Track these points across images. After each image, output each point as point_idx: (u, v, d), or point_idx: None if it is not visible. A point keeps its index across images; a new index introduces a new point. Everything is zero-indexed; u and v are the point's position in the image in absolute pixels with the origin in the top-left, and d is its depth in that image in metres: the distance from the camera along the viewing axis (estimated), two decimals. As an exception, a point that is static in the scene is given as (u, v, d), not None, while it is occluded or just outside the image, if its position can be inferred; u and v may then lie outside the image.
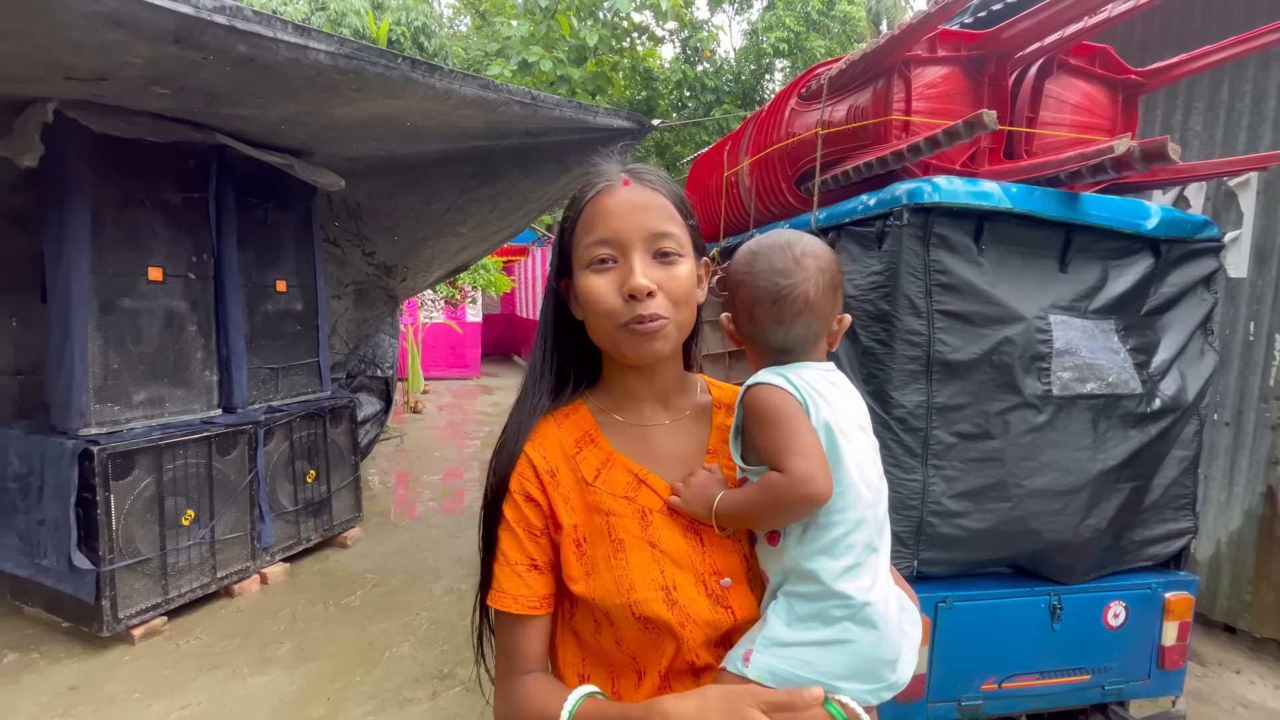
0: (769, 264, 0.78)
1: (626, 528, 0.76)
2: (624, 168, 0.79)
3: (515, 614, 0.77)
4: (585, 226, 0.77)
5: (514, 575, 0.78)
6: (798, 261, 0.78)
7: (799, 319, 0.78)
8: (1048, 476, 1.81)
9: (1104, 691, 1.94)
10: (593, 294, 0.75)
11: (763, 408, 0.75)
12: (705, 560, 0.76)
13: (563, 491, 0.78)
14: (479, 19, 13.88)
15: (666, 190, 0.79)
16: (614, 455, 0.80)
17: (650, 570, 0.75)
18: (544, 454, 0.80)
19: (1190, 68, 2.13)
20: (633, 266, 0.73)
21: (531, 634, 0.78)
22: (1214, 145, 3.13)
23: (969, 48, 2.01)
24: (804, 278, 0.77)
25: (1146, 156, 1.61)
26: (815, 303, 0.78)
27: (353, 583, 3.59)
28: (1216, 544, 3.16)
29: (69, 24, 1.93)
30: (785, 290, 0.77)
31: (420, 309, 9.10)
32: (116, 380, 2.93)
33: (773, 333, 0.79)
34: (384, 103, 2.81)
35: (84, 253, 2.81)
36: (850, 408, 0.78)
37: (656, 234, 0.75)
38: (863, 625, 0.71)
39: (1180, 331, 1.97)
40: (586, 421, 0.83)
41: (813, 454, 0.72)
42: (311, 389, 3.91)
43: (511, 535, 0.78)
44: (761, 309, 0.78)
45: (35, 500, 2.89)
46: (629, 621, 0.74)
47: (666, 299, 0.74)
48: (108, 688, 2.60)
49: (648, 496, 0.78)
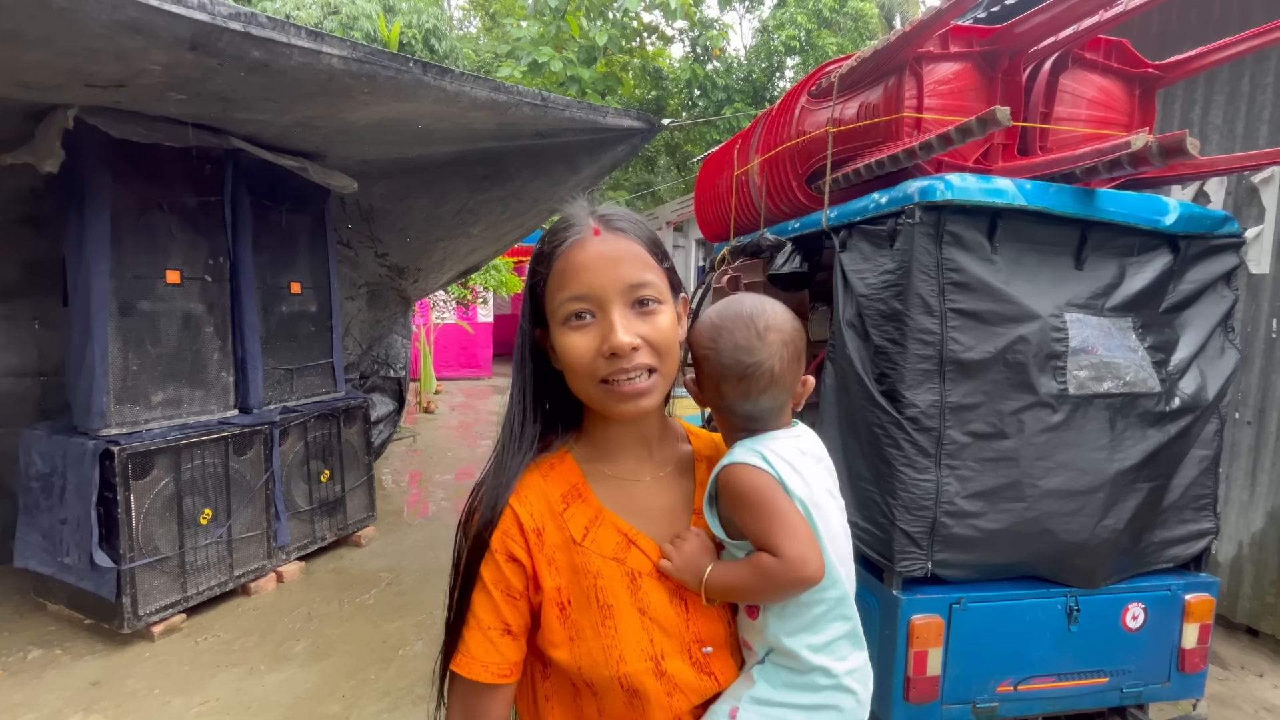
0: (733, 340, 0.78)
1: (615, 592, 0.74)
2: (592, 214, 0.76)
3: (483, 683, 0.73)
4: (558, 281, 0.73)
5: (485, 641, 0.73)
6: (761, 337, 0.77)
7: (765, 394, 0.78)
8: (1063, 476, 1.79)
9: (1122, 694, 1.91)
10: (572, 352, 0.72)
11: (742, 490, 0.75)
12: (690, 628, 0.76)
13: (547, 552, 0.75)
14: (489, 20, 13.96)
15: (639, 235, 0.75)
16: (603, 513, 0.77)
17: (640, 639, 0.73)
18: (530, 511, 0.76)
19: (1210, 60, 2.09)
20: (613, 323, 0.70)
21: (497, 702, 0.74)
22: (1235, 139, 3.07)
23: (982, 43, 1.98)
24: (768, 354, 0.77)
25: (1165, 151, 1.59)
26: (780, 376, 0.78)
27: (367, 581, 3.62)
28: (1238, 545, 3.10)
29: (89, 32, 1.97)
30: (751, 369, 0.77)
31: (432, 310, 9.16)
32: (136, 381, 2.98)
33: (739, 405, 0.79)
34: (396, 106, 2.83)
35: (104, 256, 2.86)
36: (820, 475, 0.79)
37: (634, 285, 0.72)
38: (845, 693, 0.75)
39: (1200, 329, 1.93)
40: (574, 474, 0.79)
41: (802, 535, 0.73)
42: (326, 389, 3.96)
43: (487, 598, 0.74)
44: (728, 385, 0.78)
45: (58, 499, 2.94)
46: (616, 693, 0.72)
47: (650, 350, 0.72)
48: (128, 684, 2.65)
49: (637, 558, 0.76)
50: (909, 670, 1.75)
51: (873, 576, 1.86)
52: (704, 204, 3.69)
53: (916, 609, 1.74)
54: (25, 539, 3.07)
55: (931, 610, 1.75)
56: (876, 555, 1.82)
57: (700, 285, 3.46)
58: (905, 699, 1.76)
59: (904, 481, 1.73)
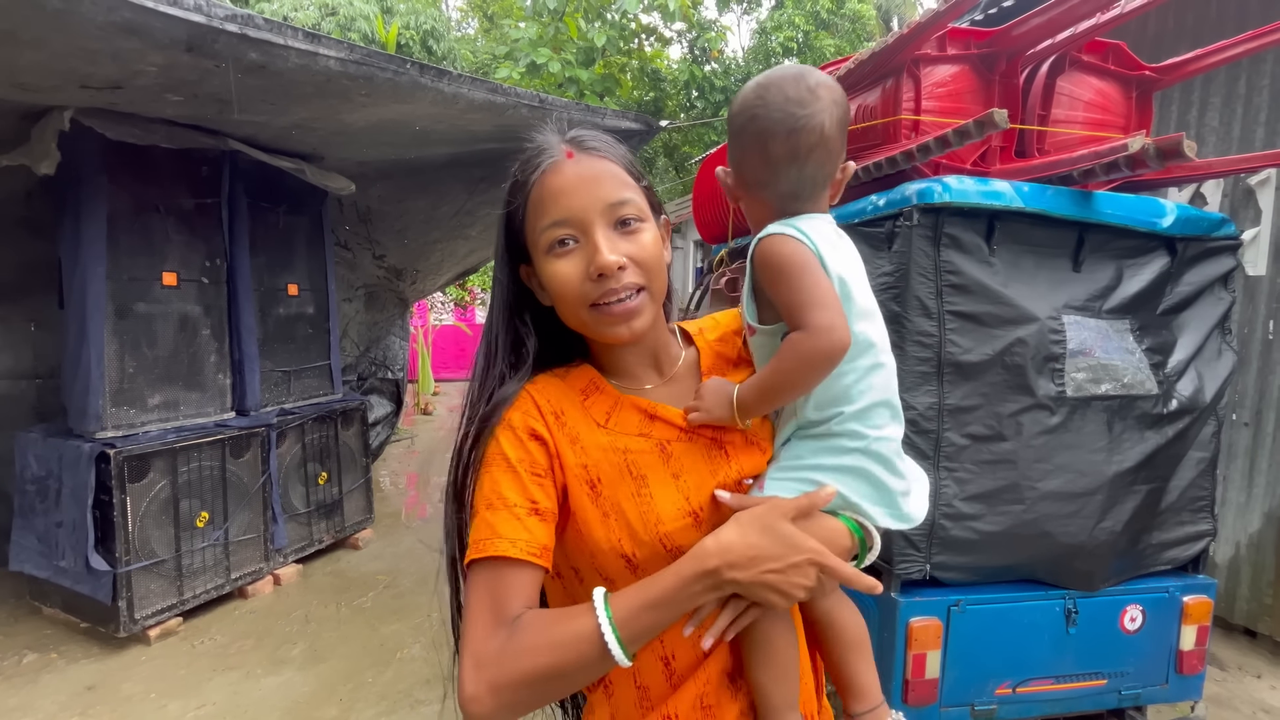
0: (783, 93, 0.72)
1: (649, 463, 0.73)
2: (564, 138, 0.74)
3: (514, 559, 0.66)
4: (536, 210, 0.72)
5: (513, 519, 0.68)
6: (812, 91, 0.72)
7: (813, 154, 0.72)
8: (1062, 479, 1.79)
9: (1121, 696, 1.91)
10: (559, 280, 0.70)
11: (777, 259, 0.72)
12: (732, 469, 0.75)
13: (569, 432, 0.73)
14: (487, 22, 13.96)
15: (614, 154, 0.74)
16: (622, 398, 0.77)
17: (675, 499, 0.72)
18: (548, 397, 0.75)
19: (1206, 63, 2.09)
20: (597, 244, 0.69)
21: (528, 584, 0.67)
22: (1231, 141, 3.08)
23: (979, 46, 1.99)
24: (820, 109, 0.72)
25: (1162, 154, 1.59)
26: (829, 138, 0.73)
27: (364, 584, 3.61)
28: (1236, 546, 3.11)
29: (85, 34, 1.96)
30: (802, 121, 0.71)
31: (430, 311, 9.16)
32: (132, 384, 2.97)
33: (785, 171, 0.74)
34: (393, 107, 2.83)
35: (100, 258, 2.85)
36: (856, 259, 0.77)
37: (614, 204, 0.70)
38: (872, 457, 0.72)
39: (1197, 331, 1.94)
40: (590, 374, 0.79)
41: (831, 302, 0.70)
42: (323, 391, 3.95)
43: (512, 476, 0.70)
44: (776, 143, 0.72)
45: (53, 502, 2.93)
46: (660, 557, 0.70)
47: (637, 269, 0.70)
48: (124, 688, 2.64)
49: (662, 429, 0.75)
50: (907, 673, 1.74)
51: (871, 579, 1.86)
52: (702, 205, 3.69)
53: (915, 611, 1.74)
54: (21, 542, 3.05)
55: (930, 613, 1.75)
56: (875, 558, 1.81)
57: (698, 287, 3.46)
58: (904, 701, 1.76)
59: (902, 484, 1.73)
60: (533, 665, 0.63)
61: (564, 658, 0.63)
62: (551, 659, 0.63)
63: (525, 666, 0.63)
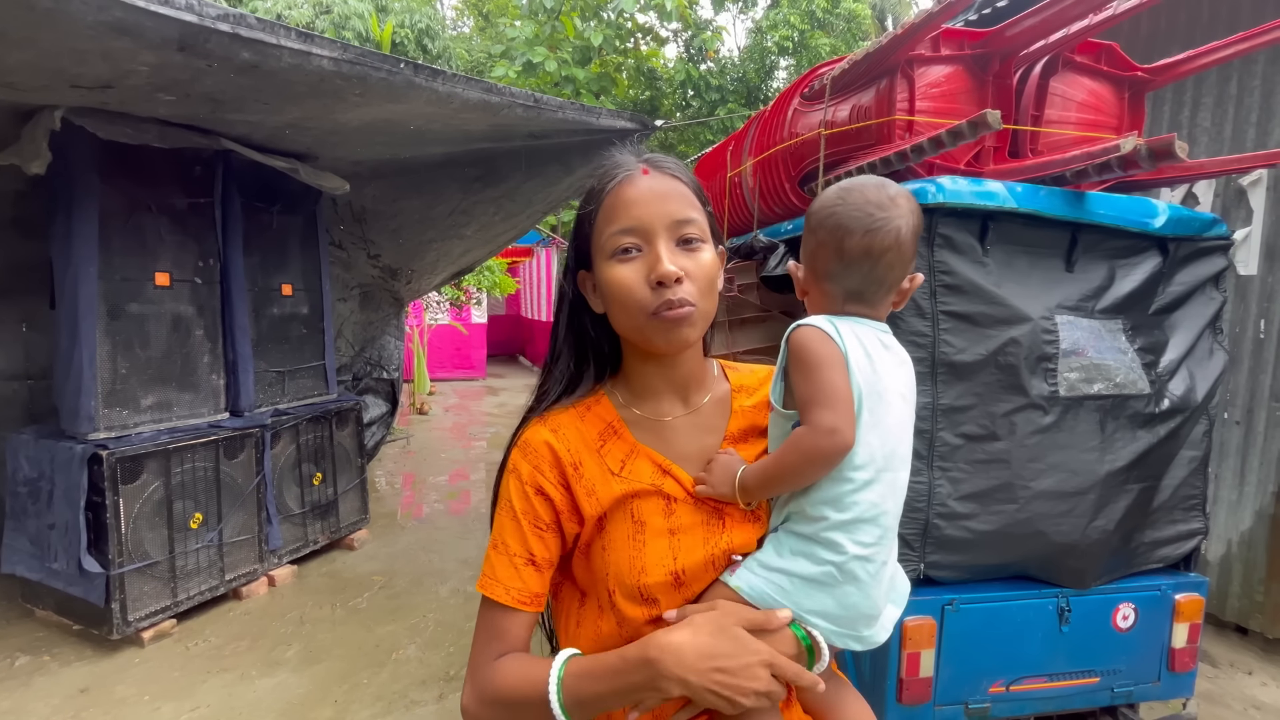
0: (864, 196, 0.77)
1: (650, 511, 0.77)
2: (640, 158, 0.80)
3: (504, 605, 0.77)
4: (607, 216, 0.76)
5: (510, 567, 0.77)
6: (893, 199, 0.77)
7: (885, 255, 0.76)
8: (1055, 478, 1.79)
9: (1113, 694, 1.92)
10: (619, 284, 0.75)
11: (803, 350, 0.75)
12: (724, 540, 0.78)
13: (586, 484, 0.78)
14: (482, 21, 13.92)
15: (685, 178, 0.79)
16: (638, 447, 0.80)
17: (664, 556, 0.76)
18: (568, 446, 0.79)
19: (1198, 64, 2.10)
20: (659, 254, 0.73)
21: (517, 626, 0.77)
22: (1223, 142, 3.10)
23: (973, 46, 1.99)
24: (898, 213, 0.76)
25: (1154, 154, 1.60)
26: (904, 241, 0.76)
27: (360, 585, 3.60)
28: (1227, 544, 3.13)
29: (74, 32, 1.94)
30: (880, 222, 0.75)
31: (425, 311, 9.12)
32: (125, 385, 2.96)
33: (856, 269, 0.77)
34: (387, 107, 2.82)
35: (92, 258, 2.83)
36: (896, 373, 0.78)
37: (680, 220, 0.75)
38: (846, 575, 0.72)
39: (1189, 330, 1.95)
40: (609, 413, 0.82)
41: (840, 405, 0.71)
42: (318, 392, 3.93)
43: (516, 526, 0.77)
44: (852, 240, 0.76)
45: (45, 504, 2.91)
46: (635, 602, 0.76)
47: (693, 285, 0.74)
48: (118, 690, 2.63)
49: (671, 486, 0.79)
50: (902, 672, 1.75)
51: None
52: (697, 205, 3.68)
53: (908, 610, 1.74)
54: (12, 544, 3.03)
55: (924, 612, 1.75)
56: (869, 557, 1.82)
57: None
58: (898, 700, 1.76)
59: (896, 483, 1.74)
60: (507, 694, 0.74)
61: (526, 696, 0.73)
62: (518, 694, 0.73)
63: (502, 694, 0.75)
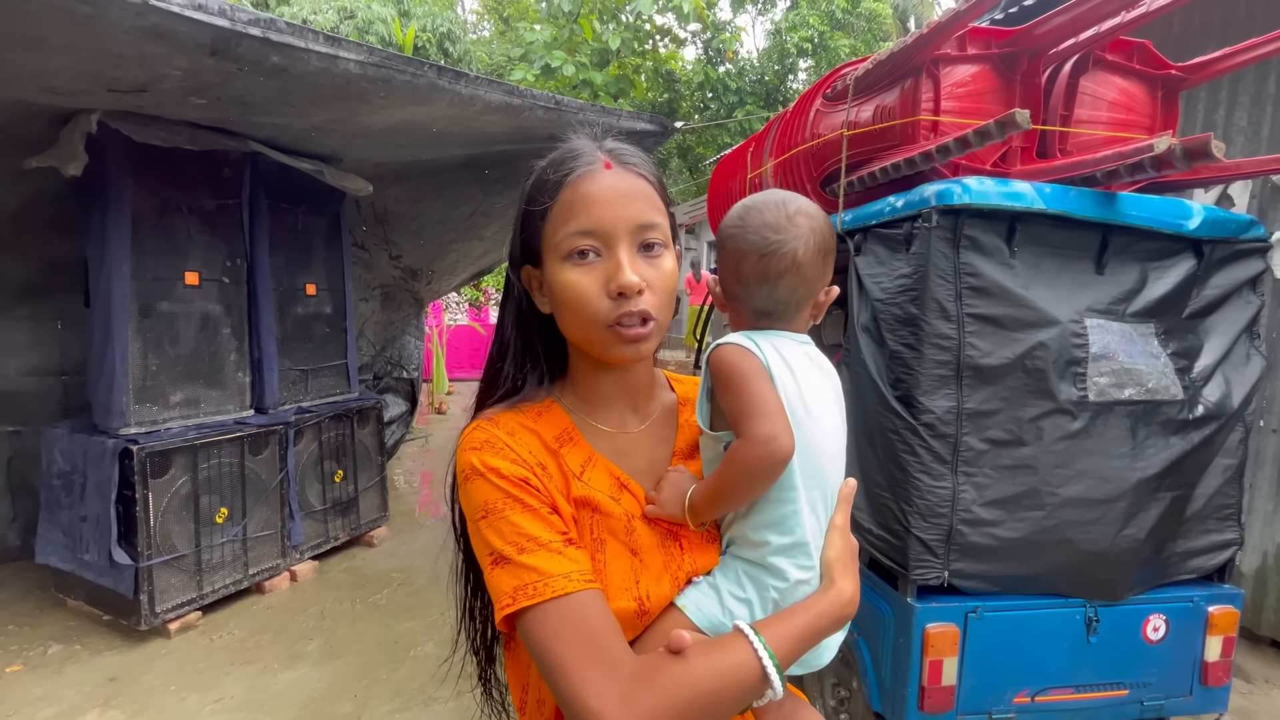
0: (760, 219, 0.75)
1: (611, 528, 0.72)
2: (601, 147, 0.73)
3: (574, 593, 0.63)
4: (563, 213, 0.70)
5: (554, 555, 0.65)
6: (790, 219, 0.75)
7: (784, 278, 0.75)
8: (1083, 485, 1.76)
9: (1143, 707, 1.87)
10: (573, 290, 0.69)
11: (725, 367, 0.73)
12: (683, 565, 0.74)
13: (555, 484, 0.71)
14: (502, 24, 14.04)
15: (649, 173, 0.73)
16: (595, 455, 0.75)
17: (626, 578, 0.71)
18: (529, 448, 0.71)
19: (1234, 62, 2.05)
20: (620, 261, 0.68)
21: (602, 605, 0.65)
22: (1259, 141, 3.01)
23: (1000, 45, 1.96)
24: (794, 235, 0.75)
25: (1188, 154, 1.56)
26: (803, 263, 0.75)
27: (379, 581, 3.64)
28: (1263, 556, 3.04)
29: (113, 38, 2.00)
30: (774, 246, 0.74)
31: (445, 311, 9.22)
32: (155, 381, 3.03)
33: (757, 291, 0.76)
34: (411, 109, 2.85)
35: (125, 258, 2.90)
36: (821, 384, 0.77)
37: (643, 225, 0.70)
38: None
39: (1224, 335, 1.90)
40: (563, 420, 0.77)
41: (772, 413, 0.70)
42: (340, 390, 3.99)
43: (532, 515, 0.67)
44: (748, 264, 0.75)
45: (78, 497, 2.99)
46: None
47: (653, 296, 0.70)
48: (145, 679, 2.68)
49: (629, 502, 0.75)
50: (924, 679, 1.72)
51: (886, 584, 1.84)
52: (717, 206, 3.68)
53: (931, 617, 1.72)
54: (46, 535, 3.12)
55: (947, 619, 1.73)
56: (891, 562, 1.80)
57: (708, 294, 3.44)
58: (920, 709, 1.73)
59: (919, 488, 1.71)
60: (693, 692, 0.60)
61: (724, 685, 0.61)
62: (715, 685, 0.61)
63: (686, 694, 0.60)
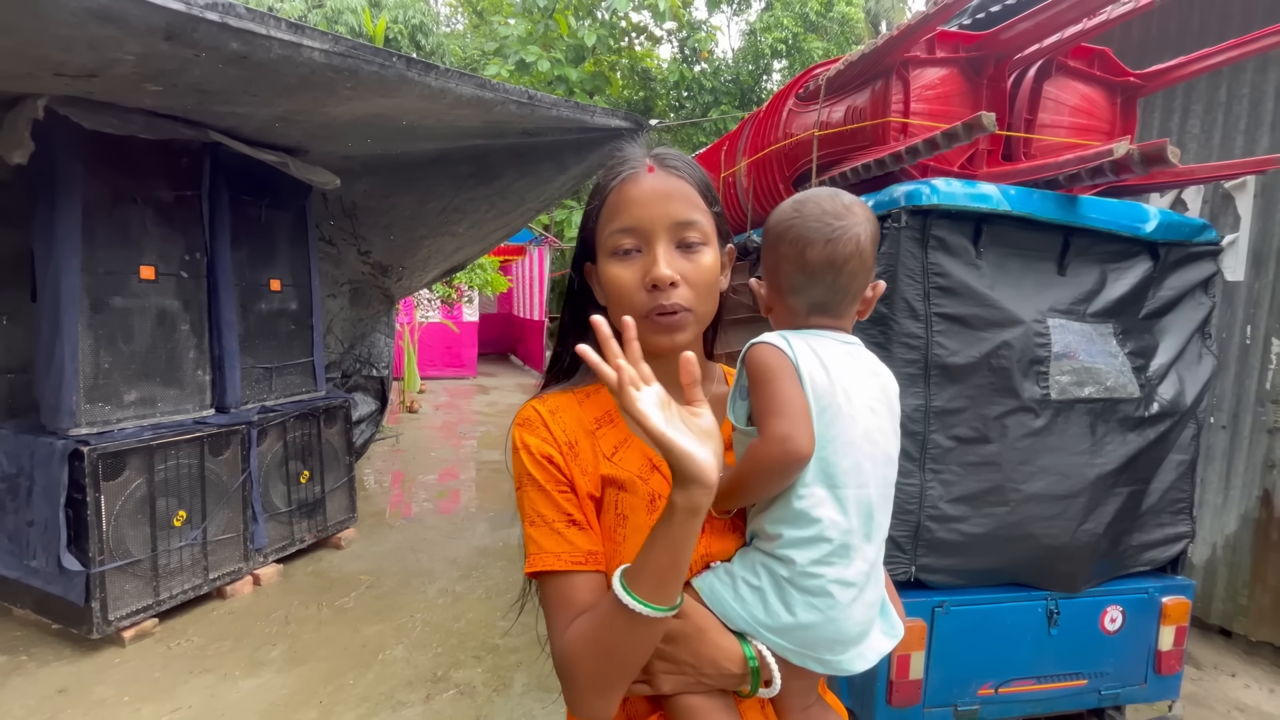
0: (820, 207, 0.76)
1: (634, 506, 0.76)
2: (649, 153, 0.79)
3: (557, 571, 0.73)
4: (609, 214, 0.77)
5: (552, 534, 0.74)
6: (848, 208, 0.77)
7: (848, 264, 0.75)
8: (1045, 481, 1.80)
9: (1100, 696, 1.93)
10: (615, 283, 0.76)
11: (756, 365, 0.74)
12: (703, 545, 0.76)
13: (581, 464, 0.77)
14: (476, 18, 13.86)
15: (692, 176, 0.78)
16: (631, 437, 0.80)
17: None
18: (563, 426, 0.79)
19: (1188, 70, 2.12)
20: (656, 256, 0.74)
21: (583, 589, 0.73)
22: (1211, 148, 3.13)
23: (968, 49, 2.00)
24: (855, 221, 0.76)
25: (1145, 159, 1.61)
26: (865, 249, 0.76)
27: (346, 584, 3.56)
28: (1213, 548, 3.16)
29: (58, 20, 1.90)
30: (840, 231, 0.75)
31: (416, 308, 9.06)
32: (107, 380, 2.90)
33: (819, 280, 0.76)
34: (379, 101, 2.79)
35: (75, 251, 2.77)
36: (865, 383, 0.76)
37: (681, 223, 0.75)
38: (805, 596, 0.71)
39: (1178, 335, 1.96)
40: (608, 402, 0.82)
41: (793, 413, 0.70)
42: (306, 389, 3.88)
43: (543, 494, 0.76)
44: (814, 251, 0.75)
45: (24, 501, 2.85)
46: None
47: (689, 289, 0.75)
48: (97, 690, 2.58)
49: (658, 482, 0.78)
50: (892, 674, 1.75)
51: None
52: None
53: (900, 613, 1.75)
54: (-10, 541, 2.97)
55: (914, 614, 1.75)
56: (860, 559, 1.82)
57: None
58: (888, 703, 1.76)
59: (888, 485, 1.73)
60: (590, 638, 0.70)
61: (600, 620, 0.69)
62: (594, 627, 0.70)
63: (586, 634, 0.70)
